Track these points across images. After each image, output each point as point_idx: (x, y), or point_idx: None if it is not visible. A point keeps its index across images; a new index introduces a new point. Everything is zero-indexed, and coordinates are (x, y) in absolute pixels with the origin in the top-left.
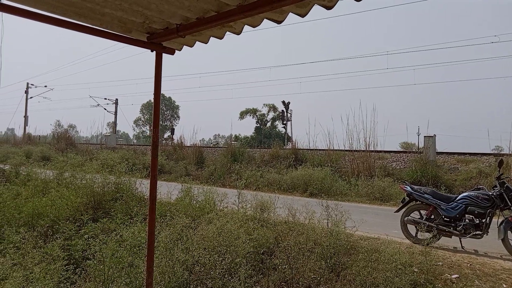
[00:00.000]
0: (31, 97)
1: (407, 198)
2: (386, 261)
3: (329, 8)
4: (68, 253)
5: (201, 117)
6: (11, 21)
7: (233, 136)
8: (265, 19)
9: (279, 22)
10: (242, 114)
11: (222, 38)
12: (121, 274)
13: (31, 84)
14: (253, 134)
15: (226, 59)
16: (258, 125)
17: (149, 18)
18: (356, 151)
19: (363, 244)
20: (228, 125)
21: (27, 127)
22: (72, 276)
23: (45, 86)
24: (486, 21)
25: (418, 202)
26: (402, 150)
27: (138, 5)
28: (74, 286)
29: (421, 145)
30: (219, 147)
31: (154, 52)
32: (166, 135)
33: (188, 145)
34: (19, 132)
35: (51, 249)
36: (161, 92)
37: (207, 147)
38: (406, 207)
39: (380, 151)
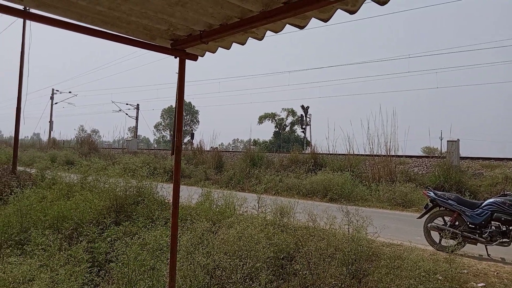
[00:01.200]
0: (56, 103)
1: (430, 204)
2: (409, 268)
3: (352, 12)
4: (91, 255)
5: (220, 122)
6: (38, 29)
7: (252, 140)
8: (287, 25)
9: (301, 27)
10: (261, 119)
11: (244, 43)
12: (144, 277)
13: (56, 90)
14: (271, 139)
15: (246, 64)
16: (277, 129)
17: (173, 25)
18: (377, 155)
19: (385, 251)
20: (246, 130)
21: (52, 132)
22: (95, 278)
23: (70, 92)
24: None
25: (441, 208)
26: (424, 155)
27: (163, 13)
28: None
29: (444, 149)
30: (238, 151)
31: (178, 58)
32: (185, 140)
33: (208, 149)
34: (44, 137)
35: (75, 251)
36: None
37: (226, 151)
38: (429, 213)
39: (401, 156)
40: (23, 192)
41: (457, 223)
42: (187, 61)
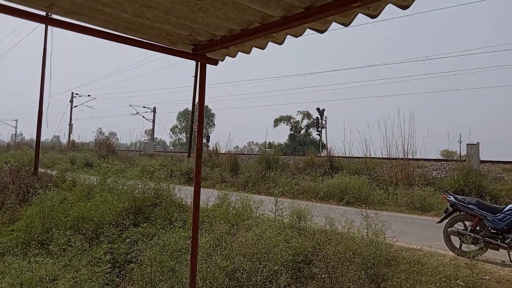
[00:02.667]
0: (75, 106)
1: (450, 209)
2: (429, 273)
3: (373, 17)
4: (111, 256)
5: (235, 125)
6: (60, 35)
7: (267, 143)
8: (307, 29)
9: (322, 31)
10: (276, 122)
11: (264, 48)
12: (164, 278)
13: (76, 94)
14: (287, 142)
15: (261, 66)
16: (292, 132)
17: (195, 30)
18: (394, 159)
19: (404, 255)
20: (261, 133)
21: (71, 135)
22: (116, 278)
23: (88, 95)
24: None
25: (462, 213)
26: (442, 158)
27: (185, 19)
28: None
29: (463, 153)
30: (253, 154)
31: (198, 63)
32: None
33: (223, 152)
34: (64, 139)
35: (96, 252)
36: (196, 100)
37: (242, 154)
38: (449, 218)
39: (419, 159)
40: (45, 194)
41: (478, 228)
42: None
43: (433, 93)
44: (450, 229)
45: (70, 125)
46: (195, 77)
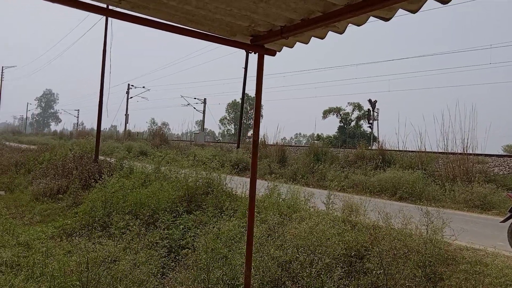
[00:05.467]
0: (131, 97)
1: None
2: (494, 275)
3: (445, 2)
4: (166, 241)
5: (282, 116)
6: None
7: (315, 135)
8: (371, 17)
9: (387, 19)
10: (326, 113)
11: (324, 38)
12: (218, 264)
13: (132, 85)
14: (336, 134)
15: (312, 57)
16: (342, 124)
17: (254, 21)
18: (452, 153)
19: (464, 255)
20: (309, 124)
21: (127, 125)
22: (171, 262)
23: (143, 87)
24: None
25: None
26: (506, 154)
27: (246, 10)
28: (175, 272)
29: None
30: (301, 146)
31: (257, 54)
32: (249, 133)
33: (271, 143)
34: (120, 129)
35: (153, 236)
36: (245, 91)
37: (289, 146)
38: None
39: (480, 154)
40: (106, 180)
41: None
42: (250, 56)
43: (497, 84)
44: None
45: (126, 115)
46: (245, 68)
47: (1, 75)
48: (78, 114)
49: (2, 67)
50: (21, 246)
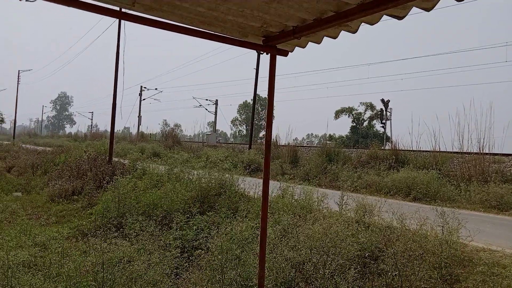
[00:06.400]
0: (144, 99)
1: None
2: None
3: (459, 0)
4: (180, 241)
5: (294, 116)
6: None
7: (327, 135)
8: (384, 16)
9: (400, 18)
10: (337, 113)
11: (336, 37)
12: (232, 265)
13: (144, 87)
14: (348, 134)
15: (323, 57)
16: (354, 124)
17: (267, 22)
18: (467, 153)
19: (481, 256)
20: (321, 124)
21: (140, 126)
22: (184, 263)
23: (156, 89)
24: None
25: None
26: None
27: (258, 11)
28: (188, 273)
29: None
30: (313, 146)
31: (269, 54)
32: (261, 134)
33: (283, 144)
34: (133, 131)
35: (166, 237)
36: (257, 92)
37: (301, 146)
38: None
39: (497, 154)
40: (119, 181)
41: None
42: (261, 56)
43: None
44: None
45: (139, 117)
46: (257, 69)
47: (18, 78)
48: (92, 116)
49: (19, 70)
50: (37, 246)
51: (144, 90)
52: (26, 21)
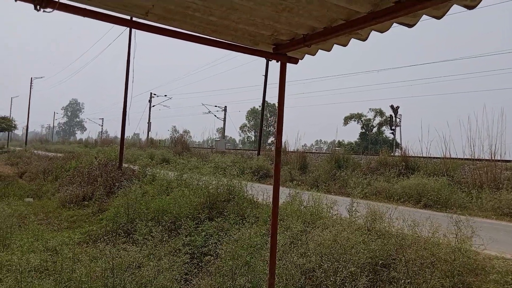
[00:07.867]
0: (153, 106)
1: None
2: None
3: (471, 7)
4: (189, 247)
5: (302, 123)
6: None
7: (336, 142)
8: (394, 24)
9: (410, 26)
10: (347, 120)
11: (347, 45)
12: (241, 271)
13: (154, 94)
14: (357, 140)
15: (333, 66)
16: (363, 130)
17: (277, 30)
18: (478, 159)
19: (494, 264)
20: (330, 131)
21: (149, 132)
22: (193, 269)
23: (165, 96)
24: None
25: None
26: None
27: (269, 19)
28: (198, 279)
29: None
30: (322, 153)
31: (279, 62)
32: (269, 140)
33: (292, 150)
34: (143, 137)
35: (175, 243)
36: (265, 99)
37: (310, 152)
38: None
39: (509, 161)
40: (130, 187)
41: None
42: (270, 63)
43: None
44: None
45: (149, 123)
46: (265, 76)
47: (31, 85)
48: (102, 123)
49: (31, 77)
50: (49, 251)
51: (153, 97)
52: (26, 21)
